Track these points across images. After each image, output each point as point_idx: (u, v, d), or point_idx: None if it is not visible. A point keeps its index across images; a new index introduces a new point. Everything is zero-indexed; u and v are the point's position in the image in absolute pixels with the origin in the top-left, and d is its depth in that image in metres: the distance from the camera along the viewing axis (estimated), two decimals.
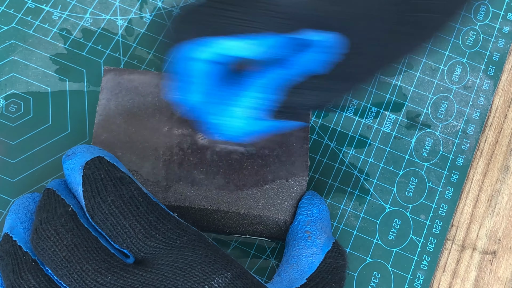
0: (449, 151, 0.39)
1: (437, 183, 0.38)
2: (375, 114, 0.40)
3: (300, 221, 0.33)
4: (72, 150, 0.32)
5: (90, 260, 0.28)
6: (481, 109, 0.40)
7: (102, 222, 0.29)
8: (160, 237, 0.29)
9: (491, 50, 0.42)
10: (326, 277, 0.31)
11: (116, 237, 0.29)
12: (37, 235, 0.29)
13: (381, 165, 0.39)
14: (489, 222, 0.38)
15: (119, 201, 0.29)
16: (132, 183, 0.30)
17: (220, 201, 0.33)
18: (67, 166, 0.31)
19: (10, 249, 0.30)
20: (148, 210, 0.29)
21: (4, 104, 0.38)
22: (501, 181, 0.39)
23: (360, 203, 0.38)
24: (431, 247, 0.37)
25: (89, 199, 0.29)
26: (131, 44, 0.40)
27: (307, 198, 0.34)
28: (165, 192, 0.33)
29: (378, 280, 0.36)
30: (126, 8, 0.41)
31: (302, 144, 0.35)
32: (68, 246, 0.28)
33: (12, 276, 0.29)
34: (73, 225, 0.29)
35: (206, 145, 0.34)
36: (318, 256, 0.32)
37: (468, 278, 0.37)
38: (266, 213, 0.33)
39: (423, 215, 0.38)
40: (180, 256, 0.28)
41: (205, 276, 0.28)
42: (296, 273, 0.31)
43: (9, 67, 0.39)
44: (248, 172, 0.34)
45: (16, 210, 0.31)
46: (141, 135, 0.35)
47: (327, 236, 0.33)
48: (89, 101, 0.39)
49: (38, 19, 0.40)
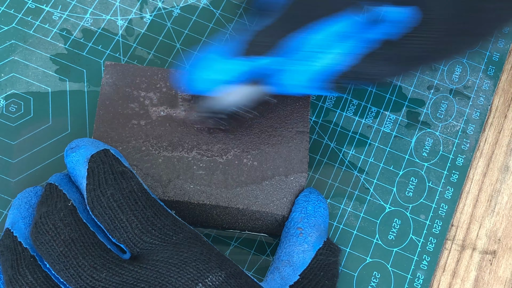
0: (449, 151, 0.39)
1: (437, 183, 0.38)
2: (375, 114, 0.40)
3: (293, 218, 0.33)
4: (75, 143, 0.32)
5: (87, 256, 0.28)
6: (481, 109, 0.40)
7: (100, 215, 0.29)
8: (157, 233, 0.29)
9: (491, 50, 0.42)
10: (318, 274, 0.31)
11: (114, 231, 0.29)
12: (36, 229, 0.29)
13: (381, 165, 0.39)
14: (489, 222, 0.38)
15: (118, 195, 0.29)
16: (133, 177, 0.30)
17: (219, 197, 0.33)
18: (71, 159, 0.31)
19: (10, 244, 0.30)
20: (146, 206, 0.29)
21: (4, 104, 0.38)
22: (501, 181, 0.39)
23: (360, 203, 0.38)
24: (431, 247, 0.37)
25: (89, 192, 0.29)
26: (131, 44, 0.40)
27: (303, 195, 0.34)
28: (164, 187, 0.33)
29: (378, 280, 0.36)
30: (126, 8, 0.41)
31: (302, 141, 0.35)
32: (66, 241, 0.28)
33: (11, 271, 0.29)
34: (72, 219, 0.29)
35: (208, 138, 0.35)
36: (309, 253, 0.32)
37: (468, 278, 0.37)
38: (265, 208, 0.34)
39: (423, 215, 0.38)
40: (175, 252, 0.28)
41: (199, 274, 0.28)
42: (288, 270, 0.31)
43: (9, 67, 0.39)
44: (247, 168, 0.34)
45: (19, 205, 0.31)
46: (142, 129, 0.35)
47: (319, 234, 0.33)
48: (89, 101, 0.39)
49: (38, 19, 0.41)
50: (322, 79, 0.32)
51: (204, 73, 0.31)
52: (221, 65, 0.31)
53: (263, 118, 0.35)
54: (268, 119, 0.35)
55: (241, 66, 0.31)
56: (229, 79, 0.31)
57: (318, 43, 0.31)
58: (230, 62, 0.31)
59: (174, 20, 0.41)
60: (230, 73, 0.31)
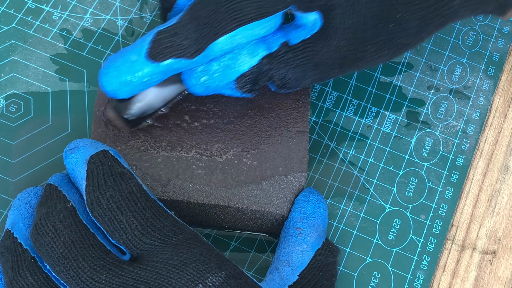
0: (449, 151, 0.39)
1: (437, 183, 0.38)
2: (375, 114, 0.40)
3: (293, 218, 0.33)
4: (74, 144, 0.32)
5: (86, 257, 0.28)
6: (481, 109, 0.40)
7: (100, 217, 0.29)
8: (156, 234, 0.29)
9: (491, 50, 0.42)
10: (317, 274, 0.31)
11: (113, 233, 0.29)
12: (36, 231, 0.29)
13: (381, 165, 0.39)
14: (489, 222, 0.38)
15: (117, 196, 0.29)
16: (132, 178, 0.30)
17: (218, 196, 0.33)
18: (70, 160, 0.31)
19: (10, 245, 0.30)
20: (145, 207, 0.29)
21: (4, 104, 0.38)
22: (501, 181, 0.39)
23: (360, 203, 0.38)
24: (431, 247, 0.37)
25: (89, 193, 0.29)
26: None
27: (303, 195, 0.34)
28: (164, 187, 0.33)
29: (378, 280, 0.36)
30: (126, 8, 0.41)
31: (302, 140, 0.35)
32: (66, 243, 0.28)
33: (11, 273, 0.29)
34: (72, 221, 0.29)
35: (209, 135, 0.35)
36: (308, 253, 0.32)
37: (468, 278, 0.37)
38: (265, 208, 0.34)
39: (423, 215, 0.38)
40: (175, 253, 0.28)
41: (199, 275, 0.28)
42: (287, 270, 0.31)
43: (9, 67, 0.39)
44: (247, 168, 0.34)
45: (19, 206, 0.31)
46: (140, 129, 0.35)
47: (318, 234, 0.33)
48: (89, 101, 0.39)
49: (38, 19, 0.41)
50: (227, 80, 0.32)
51: (114, 75, 0.31)
52: (130, 66, 0.31)
53: (263, 117, 0.35)
54: (268, 118, 0.35)
55: (149, 68, 0.31)
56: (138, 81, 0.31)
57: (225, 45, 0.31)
58: (137, 63, 0.31)
59: None
60: (139, 76, 0.31)
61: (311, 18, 0.31)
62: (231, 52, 0.31)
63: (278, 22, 0.31)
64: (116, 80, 0.31)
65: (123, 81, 0.31)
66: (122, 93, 0.31)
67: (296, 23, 0.32)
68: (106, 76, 0.31)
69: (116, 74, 0.31)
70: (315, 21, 0.31)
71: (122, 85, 0.31)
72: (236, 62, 0.32)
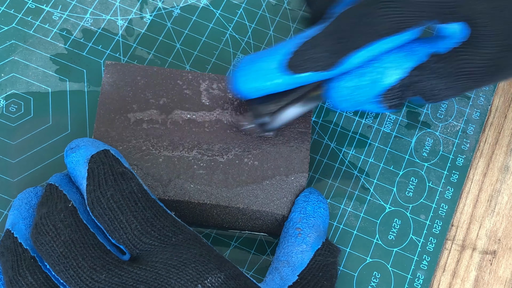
0: (449, 151, 0.39)
1: (437, 183, 0.38)
2: (375, 114, 0.40)
3: (292, 218, 0.33)
4: (75, 143, 0.32)
5: (86, 257, 0.28)
6: (481, 109, 0.40)
7: (100, 216, 0.29)
8: (156, 234, 0.29)
9: None
10: (317, 274, 0.31)
11: (113, 232, 0.29)
12: (37, 230, 0.29)
13: (381, 165, 0.39)
14: (489, 222, 0.38)
15: (118, 196, 0.29)
16: (133, 178, 0.30)
17: (219, 196, 0.33)
18: (71, 159, 0.31)
19: (10, 245, 0.30)
20: (146, 207, 0.29)
21: (4, 104, 0.38)
22: (501, 181, 0.39)
23: (360, 203, 0.38)
24: (431, 247, 0.37)
25: (89, 193, 0.29)
26: (131, 44, 0.40)
27: (303, 195, 0.34)
28: (165, 187, 0.33)
29: (378, 280, 0.36)
30: (126, 8, 0.41)
31: (303, 141, 0.35)
32: (66, 242, 0.28)
33: (11, 272, 0.29)
34: (72, 220, 0.29)
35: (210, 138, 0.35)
36: (307, 253, 0.32)
37: (468, 278, 0.37)
38: (265, 208, 0.34)
39: (423, 215, 0.38)
40: (175, 254, 0.28)
41: (198, 275, 0.28)
42: (287, 270, 0.31)
43: (9, 67, 0.39)
44: (248, 168, 0.34)
45: (19, 206, 0.31)
46: (142, 128, 0.35)
47: (318, 235, 0.33)
48: (89, 101, 0.39)
49: (38, 19, 0.41)
50: (372, 94, 0.32)
51: (251, 78, 0.31)
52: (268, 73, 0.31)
53: None
54: None
55: (287, 78, 0.31)
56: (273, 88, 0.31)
57: (369, 58, 0.31)
58: (276, 72, 0.31)
59: (174, 20, 0.41)
60: (275, 83, 0.31)
61: (457, 28, 0.30)
62: (371, 65, 0.31)
63: (416, 34, 0.31)
64: (252, 84, 0.31)
65: (259, 86, 0.31)
66: (252, 95, 0.32)
67: (440, 34, 0.31)
68: (242, 78, 0.31)
69: (253, 78, 0.31)
70: (461, 30, 0.30)
71: (256, 89, 0.31)
72: (384, 75, 0.31)
